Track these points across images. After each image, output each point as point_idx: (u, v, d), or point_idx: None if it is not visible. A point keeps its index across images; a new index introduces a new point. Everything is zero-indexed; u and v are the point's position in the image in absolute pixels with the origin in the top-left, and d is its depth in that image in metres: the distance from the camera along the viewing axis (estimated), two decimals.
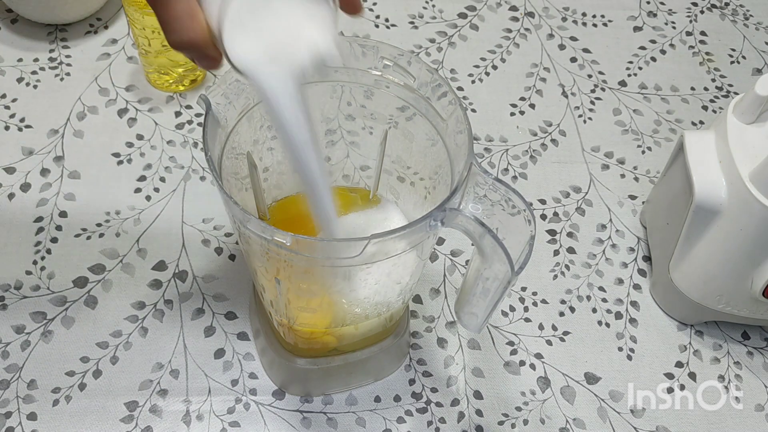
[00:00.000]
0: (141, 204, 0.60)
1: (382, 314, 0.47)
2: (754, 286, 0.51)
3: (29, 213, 0.59)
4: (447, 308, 0.57)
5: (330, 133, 0.48)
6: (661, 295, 0.58)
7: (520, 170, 0.66)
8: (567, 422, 0.52)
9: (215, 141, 0.40)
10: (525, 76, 0.73)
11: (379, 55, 0.43)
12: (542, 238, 0.62)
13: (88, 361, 0.52)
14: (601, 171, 0.66)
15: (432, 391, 0.53)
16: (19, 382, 0.51)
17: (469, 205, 0.37)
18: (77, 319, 0.54)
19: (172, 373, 0.52)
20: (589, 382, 0.54)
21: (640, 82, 0.74)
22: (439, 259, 0.60)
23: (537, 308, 0.58)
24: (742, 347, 0.57)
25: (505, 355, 0.55)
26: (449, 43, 0.75)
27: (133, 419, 0.50)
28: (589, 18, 0.79)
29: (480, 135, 0.68)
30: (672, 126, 0.70)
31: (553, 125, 0.69)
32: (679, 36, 0.78)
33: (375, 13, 0.77)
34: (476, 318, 0.44)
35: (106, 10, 0.74)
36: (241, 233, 0.40)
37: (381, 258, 0.38)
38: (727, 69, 0.76)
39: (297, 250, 0.37)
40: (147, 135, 0.65)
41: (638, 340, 0.57)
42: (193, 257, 0.58)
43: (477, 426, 0.52)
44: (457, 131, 0.40)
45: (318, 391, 0.52)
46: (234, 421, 0.51)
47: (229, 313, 0.55)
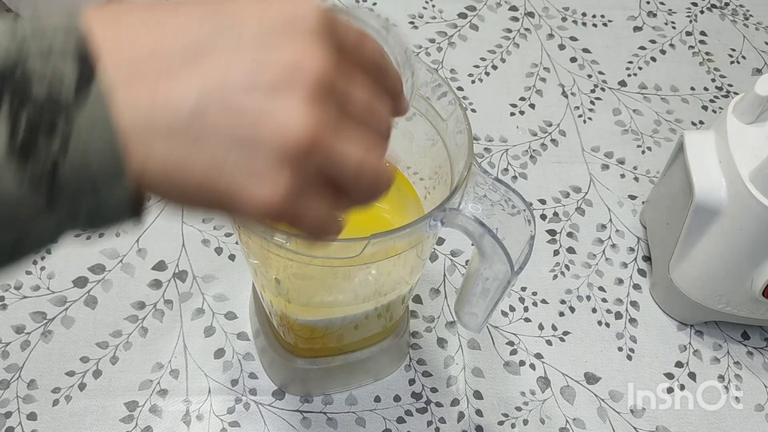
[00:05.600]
0: None
1: (382, 314, 0.47)
2: (754, 286, 0.51)
3: None
4: (447, 308, 0.57)
5: None
6: (661, 295, 0.58)
7: (520, 170, 0.66)
8: (567, 422, 0.52)
9: None
10: (525, 76, 0.73)
11: None
12: (542, 238, 0.62)
13: (88, 361, 0.52)
14: (601, 171, 0.66)
15: (432, 391, 0.53)
16: (19, 382, 0.51)
17: (469, 205, 0.37)
18: (77, 319, 0.54)
19: (172, 373, 0.52)
20: (589, 382, 0.54)
21: (640, 82, 0.74)
22: (439, 259, 0.60)
23: (537, 308, 0.58)
24: (742, 347, 0.57)
25: (505, 355, 0.55)
26: (449, 43, 0.75)
27: (133, 419, 0.50)
28: (589, 18, 0.79)
29: (480, 135, 0.68)
30: (672, 126, 0.70)
31: (553, 125, 0.69)
32: (679, 36, 0.78)
33: (375, 13, 0.77)
34: (476, 318, 0.44)
35: None
36: (240, 233, 0.40)
37: (381, 258, 0.38)
38: (727, 69, 0.76)
39: (297, 250, 0.37)
40: None
41: (638, 340, 0.57)
42: (193, 257, 0.58)
43: (477, 426, 0.52)
44: (457, 131, 0.40)
45: (318, 391, 0.52)
46: (234, 421, 0.51)
47: (229, 313, 0.55)
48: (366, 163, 0.25)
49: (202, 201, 0.24)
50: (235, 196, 0.23)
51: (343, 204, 0.27)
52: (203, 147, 0.23)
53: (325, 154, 0.24)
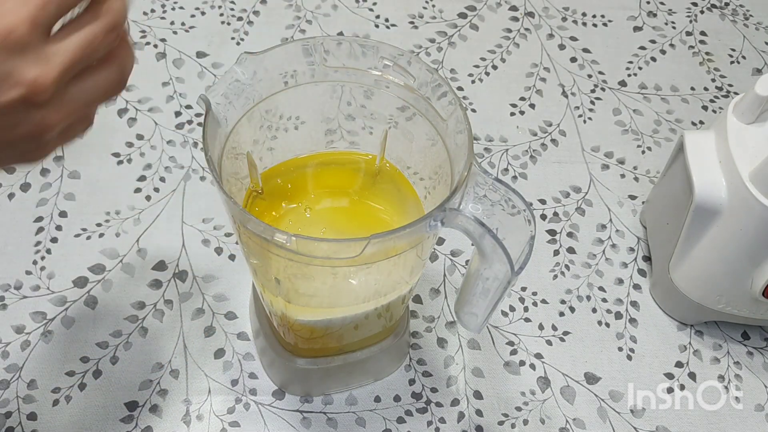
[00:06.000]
0: (141, 204, 0.60)
1: (382, 314, 0.47)
2: (754, 286, 0.51)
3: (29, 213, 0.59)
4: (447, 308, 0.57)
5: (330, 133, 0.48)
6: (661, 295, 0.58)
7: (520, 170, 0.66)
8: (567, 422, 0.52)
9: (215, 141, 0.40)
10: (525, 76, 0.73)
11: (379, 55, 0.43)
12: (542, 238, 0.62)
13: (88, 361, 0.52)
14: (601, 171, 0.66)
15: (432, 391, 0.53)
16: (19, 382, 0.51)
17: (469, 205, 0.37)
18: (77, 319, 0.54)
19: (172, 373, 0.52)
20: (589, 382, 0.54)
21: (640, 82, 0.74)
22: (439, 259, 0.60)
23: (537, 308, 0.58)
24: (742, 347, 0.57)
25: (505, 355, 0.55)
26: (449, 43, 0.75)
27: (133, 419, 0.50)
28: (589, 18, 0.79)
29: (480, 135, 0.68)
30: (672, 126, 0.70)
31: (553, 125, 0.69)
32: (679, 36, 0.78)
33: (375, 13, 0.77)
34: (476, 318, 0.44)
35: None
36: (241, 233, 0.40)
37: (381, 258, 0.38)
38: (727, 69, 0.76)
39: (297, 250, 0.37)
40: (147, 135, 0.65)
41: (638, 340, 0.57)
42: (193, 257, 0.58)
43: (477, 426, 0.52)
44: (457, 131, 0.40)
45: (318, 391, 0.52)
46: (234, 421, 0.51)
47: (229, 313, 0.55)
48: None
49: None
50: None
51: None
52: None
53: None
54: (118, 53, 0.35)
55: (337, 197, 0.48)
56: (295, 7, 0.76)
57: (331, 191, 0.48)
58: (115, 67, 0.35)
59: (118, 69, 0.35)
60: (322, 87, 0.45)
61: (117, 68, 0.35)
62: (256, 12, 0.76)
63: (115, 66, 0.34)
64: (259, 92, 0.42)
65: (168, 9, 0.75)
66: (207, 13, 0.75)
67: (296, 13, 0.76)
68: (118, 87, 0.35)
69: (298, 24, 0.75)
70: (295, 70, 0.43)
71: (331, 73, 0.44)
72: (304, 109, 0.46)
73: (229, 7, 0.76)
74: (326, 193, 0.48)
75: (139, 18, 0.74)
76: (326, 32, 0.74)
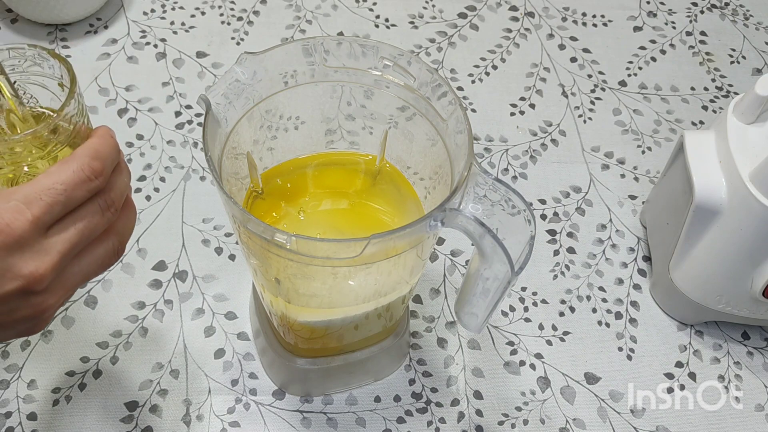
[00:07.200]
0: (141, 204, 0.60)
1: (382, 314, 0.47)
2: (754, 286, 0.51)
3: None
4: (447, 308, 0.57)
5: (330, 133, 0.48)
6: (661, 295, 0.58)
7: (520, 170, 0.66)
8: (567, 422, 0.52)
9: (215, 141, 0.40)
10: (525, 76, 0.73)
11: (379, 55, 0.43)
12: (542, 238, 0.62)
13: (88, 361, 0.52)
14: (601, 171, 0.66)
15: (432, 391, 0.53)
16: (19, 382, 0.51)
17: (469, 205, 0.37)
18: (77, 319, 0.54)
19: (172, 373, 0.52)
20: (589, 382, 0.54)
21: (640, 82, 0.74)
22: (439, 259, 0.60)
23: (537, 308, 0.58)
24: (742, 347, 0.57)
25: (505, 355, 0.55)
26: (449, 43, 0.75)
27: (133, 419, 0.50)
28: (589, 18, 0.79)
29: (480, 135, 0.68)
30: (672, 126, 0.70)
31: (553, 125, 0.69)
32: (679, 36, 0.78)
33: (375, 13, 0.77)
34: (476, 318, 0.44)
35: (106, 10, 0.74)
36: (240, 233, 0.40)
37: (381, 258, 0.38)
38: (727, 69, 0.76)
39: (297, 250, 0.37)
40: (147, 135, 0.65)
41: (638, 340, 0.57)
42: (193, 257, 0.58)
43: (477, 426, 0.52)
44: (457, 131, 0.40)
45: (318, 391, 0.52)
46: (234, 421, 0.51)
47: (229, 313, 0.55)
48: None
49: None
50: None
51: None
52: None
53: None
54: (116, 225, 0.35)
55: (337, 197, 0.48)
56: (295, 7, 0.76)
57: (331, 191, 0.48)
58: (113, 239, 0.35)
59: (117, 239, 0.35)
60: (322, 87, 0.45)
61: (115, 239, 0.35)
62: (256, 12, 0.76)
63: (113, 238, 0.35)
64: (259, 92, 0.42)
65: (168, 9, 0.75)
66: (207, 13, 0.75)
67: (296, 13, 0.76)
68: (115, 257, 0.35)
69: (298, 24, 0.75)
70: (295, 70, 0.43)
71: (331, 73, 0.44)
72: (304, 109, 0.46)
73: (229, 7, 0.76)
74: (326, 194, 0.48)
75: (139, 18, 0.74)
76: (326, 32, 0.74)
